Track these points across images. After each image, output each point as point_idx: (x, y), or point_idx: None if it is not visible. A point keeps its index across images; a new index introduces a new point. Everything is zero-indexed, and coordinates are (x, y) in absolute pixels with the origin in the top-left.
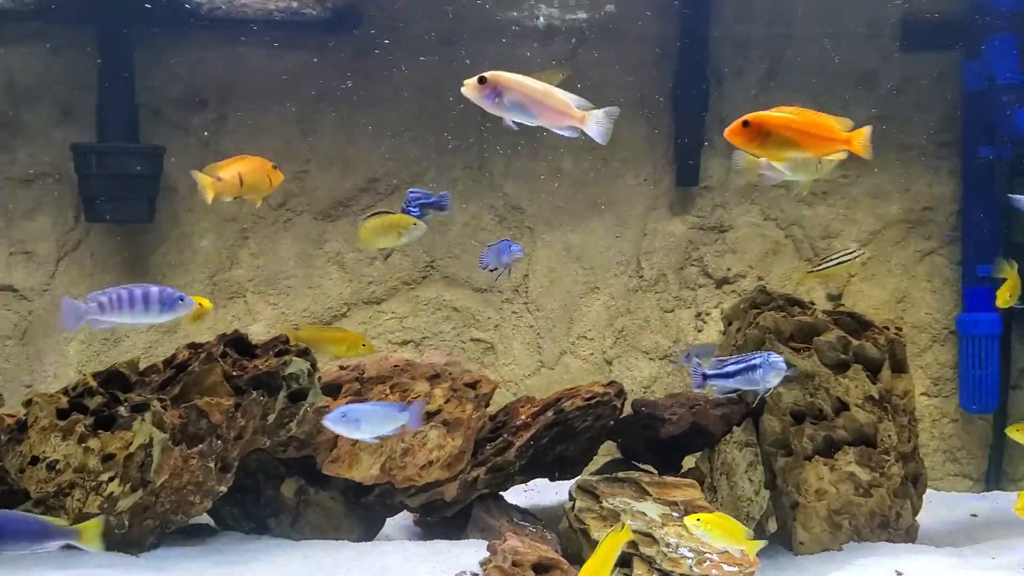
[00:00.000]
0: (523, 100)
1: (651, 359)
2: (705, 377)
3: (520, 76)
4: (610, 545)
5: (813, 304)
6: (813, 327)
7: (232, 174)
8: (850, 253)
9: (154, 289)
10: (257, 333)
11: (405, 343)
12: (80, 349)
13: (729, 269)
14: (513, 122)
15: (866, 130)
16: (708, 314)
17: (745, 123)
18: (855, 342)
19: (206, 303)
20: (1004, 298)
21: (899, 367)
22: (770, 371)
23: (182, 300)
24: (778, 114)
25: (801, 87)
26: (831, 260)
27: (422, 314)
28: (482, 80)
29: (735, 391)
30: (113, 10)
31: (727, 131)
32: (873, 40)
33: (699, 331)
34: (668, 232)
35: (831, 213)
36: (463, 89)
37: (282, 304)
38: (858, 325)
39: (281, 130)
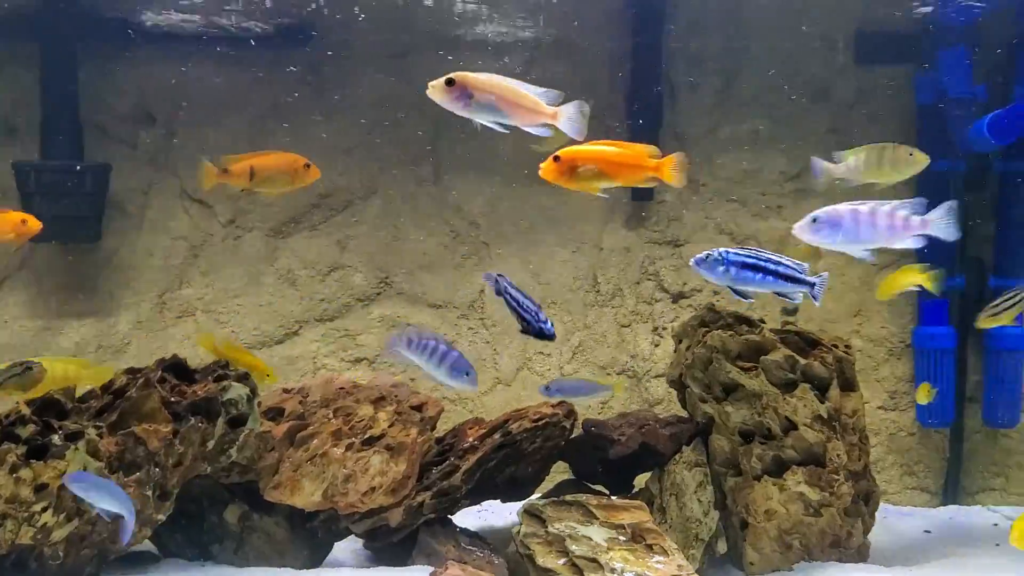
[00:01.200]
0: (493, 101)
1: (608, 374)
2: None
3: (488, 75)
4: None
5: (763, 322)
6: (761, 346)
7: (243, 167)
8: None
9: (453, 353)
10: (207, 353)
11: (359, 361)
12: None
13: (685, 284)
14: (482, 125)
15: (675, 157)
16: (665, 328)
17: (556, 158)
18: (802, 361)
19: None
20: (883, 291)
21: (848, 385)
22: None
23: (467, 375)
24: (587, 148)
25: (756, 101)
26: (1006, 304)
27: (376, 331)
28: (450, 82)
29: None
30: (56, 26)
31: (541, 171)
32: (828, 53)
33: (656, 346)
34: (624, 247)
35: (785, 226)
36: (429, 92)
37: (233, 323)
38: (806, 344)
39: (231, 146)
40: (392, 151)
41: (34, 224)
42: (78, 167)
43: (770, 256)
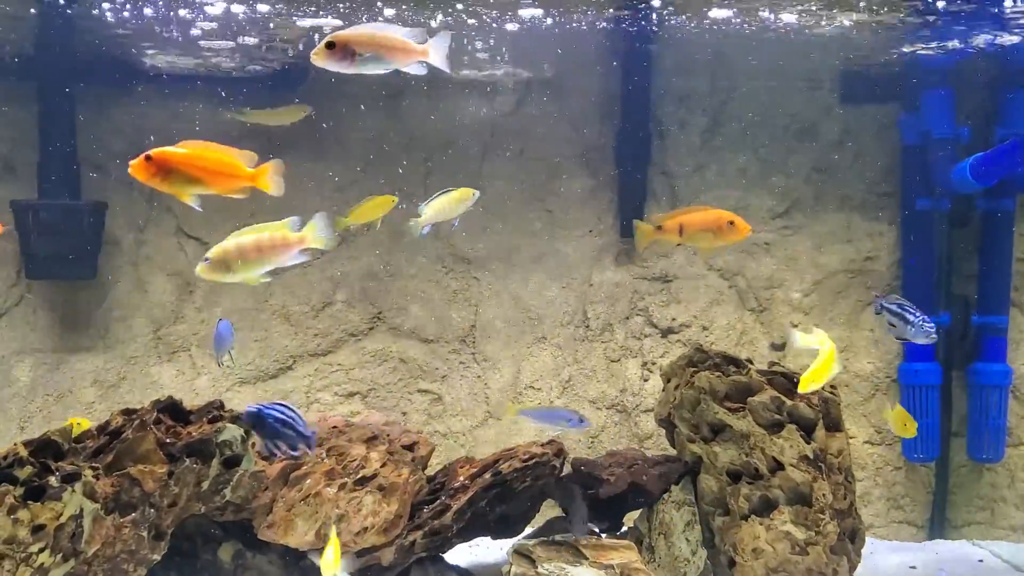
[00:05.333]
0: (375, 51)
1: (598, 408)
2: None
3: (359, 28)
4: None
5: (750, 362)
6: (748, 387)
7: (674, 224)
8: None
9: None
10: (202, 388)
11: (352, 395)
12: (22, 406)
13: (674, 319)
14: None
15: (271, 165)
16: (654, 363)
17: (148, 157)
18: (789, 402)
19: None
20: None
21: (833, 426)
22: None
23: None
24: (181, 150)
25: (743, 139)
26: None
27: (369, 366)
28: (331, 45)
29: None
30: (54, 65)
31: (131, 167)
32: (813, 93)
33: (645, 380)
34: (613, 282)
35: (773, 263)
36: (314, 59)
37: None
38: (792, 384)
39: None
40: (385, 188)
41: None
42: (75, 205)
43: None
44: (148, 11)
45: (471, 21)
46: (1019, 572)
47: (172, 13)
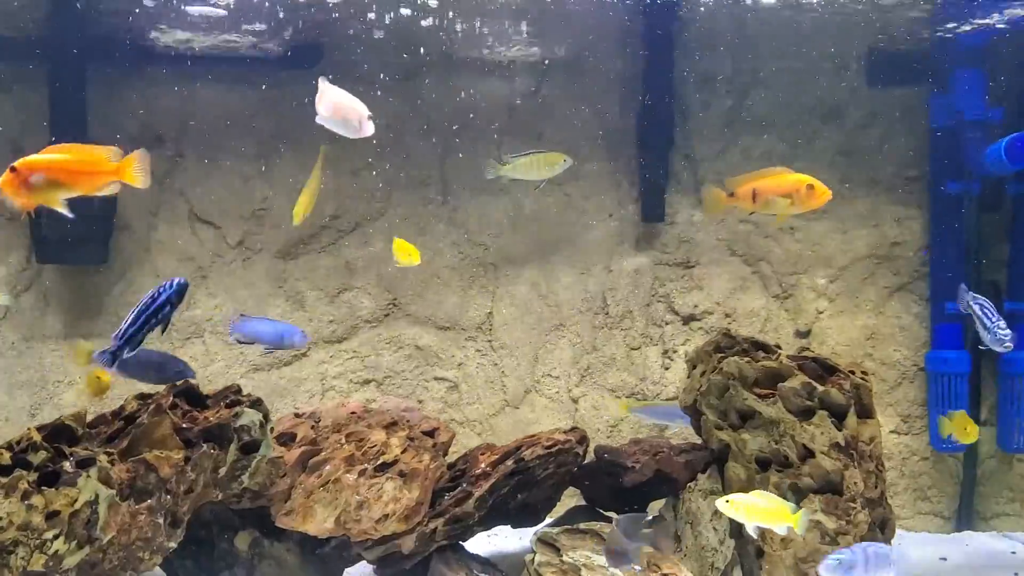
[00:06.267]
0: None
1: (617, 397)
2: None
3: (48, 154)
4: None
5: (779, 348)
6: (778, 372)
7: (747, 190)
8: None
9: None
10: (215, 374)
11: (367, 382)
12: (33, 393)
13: (696, 306)
14: None
15: (135, 156)
16: (675, 351)
17: (13, 169)
18: (820, 388)
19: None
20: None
21: (865, 412)
22: None
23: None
24: (44, 156)
25: (767, 122)
26: None
27: (384, 353)
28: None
29: None
30: (65, 47)
31: (1, 184)
32: (839, 74)
33: (666, 369)
34: (633, 269)
35: (798, 248)
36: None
37: (241, 344)
38: (823, 370)
39: (239, 167)
40: (400, 173)
41: None
42: None
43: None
44: None
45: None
46: None
47: None
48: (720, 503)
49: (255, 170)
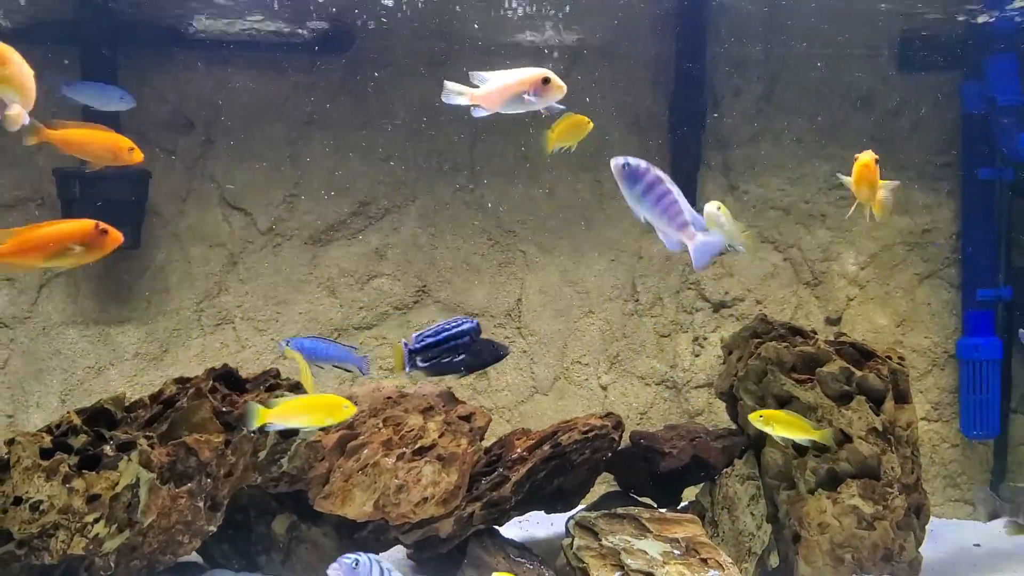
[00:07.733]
0: None
1: (647, 384)
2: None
3: None
4: None
5: (815, 333)
6: (816, 358)
7: None
8: None
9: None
10: (246, 361)
11: None
12: (63, 379)
13: (727, 293)
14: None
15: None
16: (706, 339)
17: None
18: (858, 373)
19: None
20: None
21: (902, 398)
22: None
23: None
24: None
25: (798, 107)
26: None
27: None
28: None
29: None
30: (96, 31)
31: None
32: (871, 60)
33: (696, 356)
34: (664, 255)
35: (829, 236)
36: None
37: (271, 330)
38: (861, 355)
39: (270, 153)
40: (430, 159)
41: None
42: (118, 174)
43: None
44: None
45: None
46: None
47: None
48: (752, 416)
49: (286, 156)
